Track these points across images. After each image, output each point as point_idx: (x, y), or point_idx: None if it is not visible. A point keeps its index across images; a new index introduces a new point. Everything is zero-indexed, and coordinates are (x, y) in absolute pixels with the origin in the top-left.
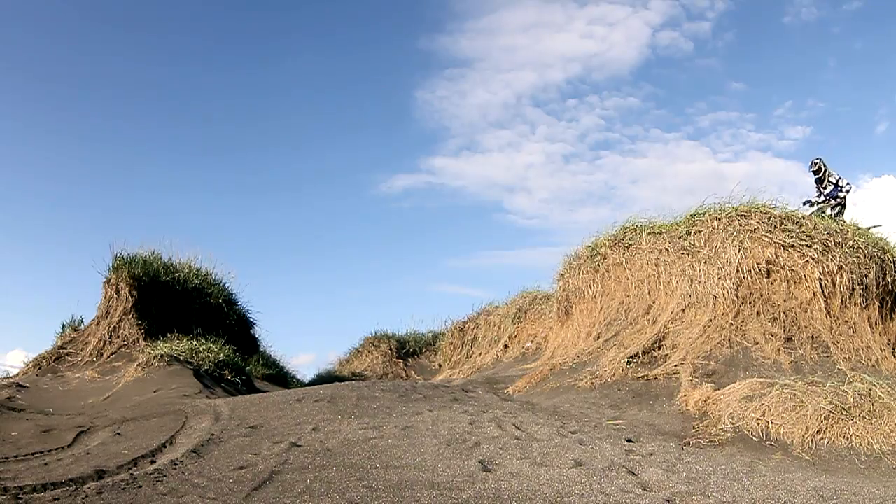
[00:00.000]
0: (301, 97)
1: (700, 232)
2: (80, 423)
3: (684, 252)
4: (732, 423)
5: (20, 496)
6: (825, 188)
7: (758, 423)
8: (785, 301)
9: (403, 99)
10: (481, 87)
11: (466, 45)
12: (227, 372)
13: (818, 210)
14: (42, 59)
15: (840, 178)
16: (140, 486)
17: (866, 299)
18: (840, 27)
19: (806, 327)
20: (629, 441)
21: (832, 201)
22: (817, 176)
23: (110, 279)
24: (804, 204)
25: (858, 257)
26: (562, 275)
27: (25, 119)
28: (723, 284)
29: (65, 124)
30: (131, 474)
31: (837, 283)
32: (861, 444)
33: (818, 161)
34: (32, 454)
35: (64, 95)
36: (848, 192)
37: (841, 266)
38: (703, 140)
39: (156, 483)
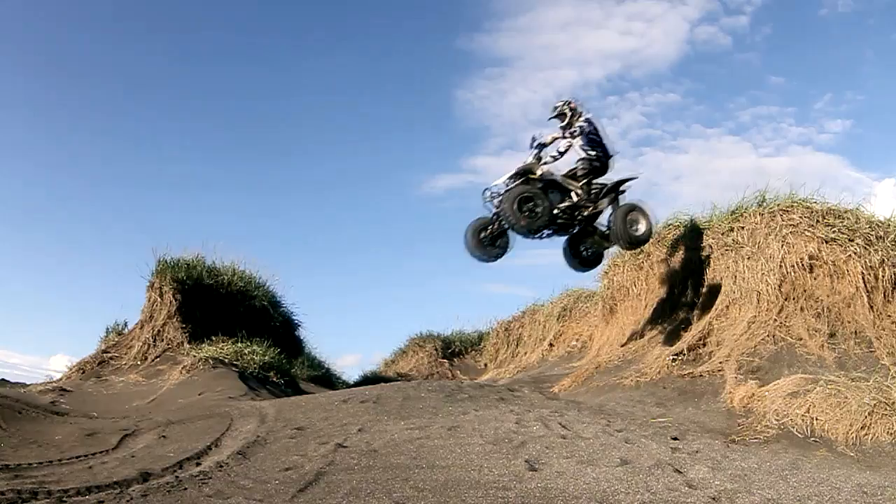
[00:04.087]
0: (341, 98)
1: (743, 228)
2: (125, 427)
3: (728, 248)
4: (777, 420)
5: (64, 499)
6: (571, 134)
7: (802, 420)
8: (828, 296)
9: (443, 99)
10: (521, 86)
11: (505, 44)
12: (272, 374)
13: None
14: (83, 61)
15: (585, 122)
16: (185, 489)
17: None
18: (876, 19)
19: (849, 322)
20: (675, 439)
21: (588, 155)
22: (562, 124)
23: (154, 283)
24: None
25: None
26: (606, 273)
27: (69, 123)
28: (766, 280)
29: (108, 126)
30: (176, 476)
31: (880, 277)
32: None
33: (561, 104)
34: (76, 457)
35: (105, 98)
36: (581, 132)
37: (883, 260)
38: (744, 135)
39: (201, 485)
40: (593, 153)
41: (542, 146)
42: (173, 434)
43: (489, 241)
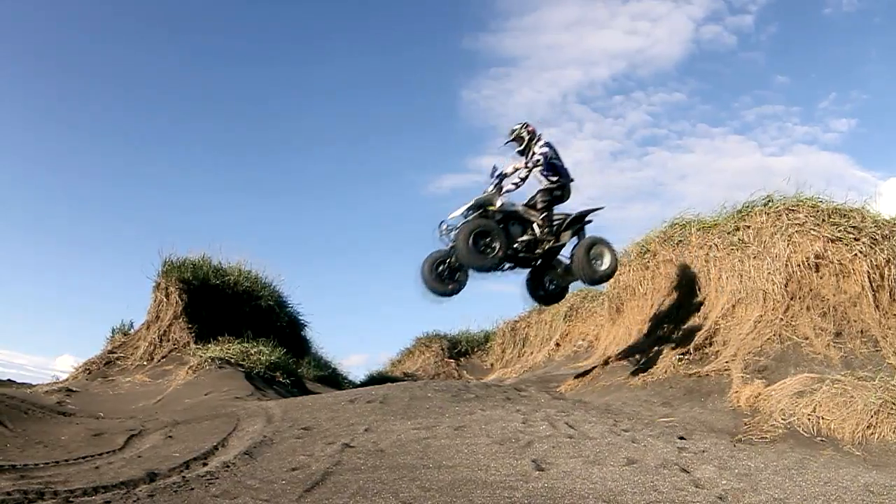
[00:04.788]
0: (346, 98)
1: (749, 227)
2: (131, 427)
3: (734, 247)
4: (784, 420)
5: (71, 500)
6: (533, 163)
7: (808, 419)
8: (834, 295)
9: (449, 99)
10: (527, 86)
11: (510, 44)
12: (278, 374)
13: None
14: (87, 61)
15: (546, 147)
16: (192, 489)
17: None
18: (880, 17)
19: (855, 321)
20: (681, 438)
21: (550, 182)
22: (519, 148)
23: (160, 283)
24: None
25: None
26: None
27: (73, 122)
28: (772, 279)
29: (113, 126)
30: (183, 476)
31: (886, 276)
32: None
33: (518, 128)
34: (83, 458)
35: (110, 98)
36: (543, 160)
37: (889, 259)
38: (749, 134)
39: (208, 485)
40: (554, 179)
41: (504, 176)
42: (180, 434)
43: (447, 276)
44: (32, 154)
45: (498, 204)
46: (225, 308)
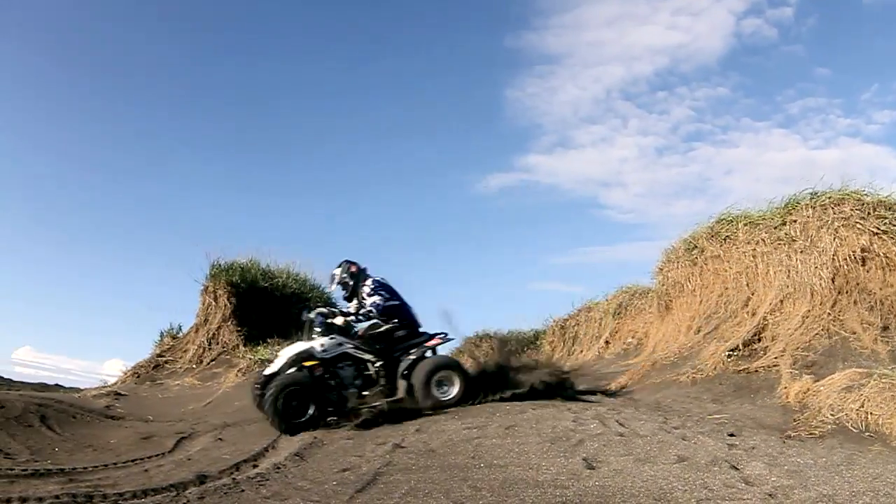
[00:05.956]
0: (390, 98)
1: (795, 221)
2: (181, 430)
3: (780, 242)
4: (832, 415)
5: (120, 502)
6: (366, 315)
7: (857, 415)
8: (881, 289)
9: (494, 98)
10: (571, 83)
11: (553, 42)
12: None
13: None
14: (126, 60)
15: (376, 295)
16: (243, 490)
17: None
18: None
19: None
20: (731, 435)
21: (389, 326)
22: (345, 294)
23: (208, 287)
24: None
25: None
26: (660, 269)
27: (113, 124)
28: (819, 274)
29: (158, 128)
30: (233, 479)
31: None
32: None
33: (338, 272)
34: (132, 461)
35: (152, 98)
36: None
37: None
38: (793, 128)
39: (258, 487)
40: (395, 322)
41: (331, 326)
42: (229, 436)
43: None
44: (78, 157)
45: (318, 354)
46: (273, 310)
